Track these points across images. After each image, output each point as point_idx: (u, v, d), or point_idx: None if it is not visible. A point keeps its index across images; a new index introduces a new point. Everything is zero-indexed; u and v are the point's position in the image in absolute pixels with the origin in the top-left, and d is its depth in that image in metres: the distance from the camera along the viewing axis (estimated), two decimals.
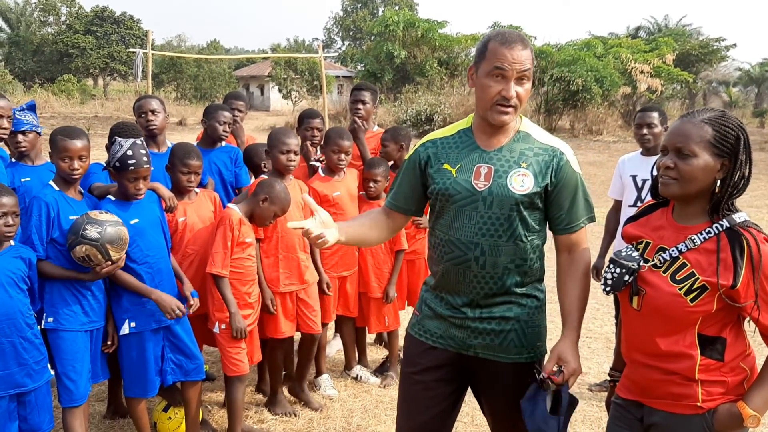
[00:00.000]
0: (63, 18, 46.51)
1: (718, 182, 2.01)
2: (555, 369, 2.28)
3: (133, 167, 3.18)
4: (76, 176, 3.15)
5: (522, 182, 2.28)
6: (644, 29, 37.86)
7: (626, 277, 2.09)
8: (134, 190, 3.25)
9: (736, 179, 1.98)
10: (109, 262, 3.04)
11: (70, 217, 3.08)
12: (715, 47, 32.62)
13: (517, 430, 2.40)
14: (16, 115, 3.54)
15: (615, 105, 26.91)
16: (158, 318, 3.32)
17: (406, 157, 2.57)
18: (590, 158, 18.73)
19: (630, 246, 2.18)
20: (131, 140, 3.21)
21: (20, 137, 3.58)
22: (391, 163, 4.58)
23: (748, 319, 2.01)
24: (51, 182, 3.19)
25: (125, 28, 43.59)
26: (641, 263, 2.09)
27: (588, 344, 5.45)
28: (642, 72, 25.79)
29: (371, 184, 4.37)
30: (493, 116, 2.29)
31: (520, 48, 2.25)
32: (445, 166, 2.39)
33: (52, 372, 3.11)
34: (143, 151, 3.23)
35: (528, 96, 2.33)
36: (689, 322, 2.00)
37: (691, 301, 1.97)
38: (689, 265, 1.99)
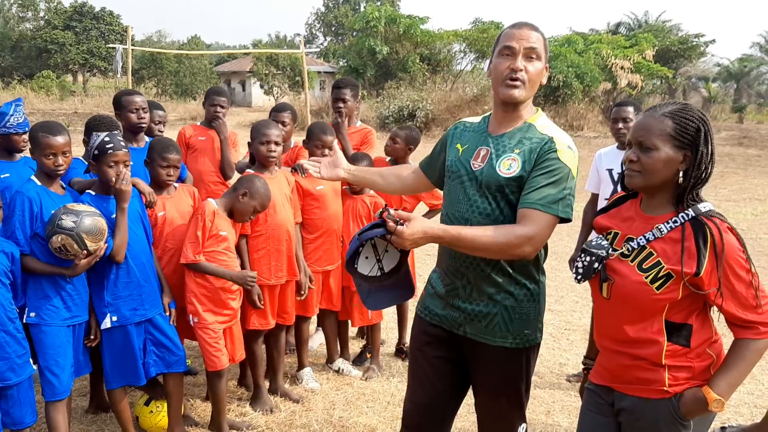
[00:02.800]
0: (42, 13, 46.01)
1: (681, 173, 2.07)
2: (398, 220, 2.15)
3: (111, 150, 3.19)
4: (61, 171, 3.17)
5: (509, 166, 2.33)
6: (624, 25, 38.18)
7: (596, 265, 2.15)
8: (114, 176, 3.23)
9: (699, 170, 2.04)
10: (85, 252, 3.03)
11: (53, 212, 3.08)
12: (694, 43, 33.00)
13: (500, 414, 2.50)
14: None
15: (595, 101, 27.10)
16: (140, 311, 3.34)
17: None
18: None
19: (600, 236, 2.24)
20: (107, 132, 3.26)
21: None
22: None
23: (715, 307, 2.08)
24: (33, 177, 3.19)
25: (105, 24, 43.15)
26: (610, 251, 2.15)
27: (567, 336, 5.54)
28: (622, 68, 26.03)
29: None
30: (504, 91, 2.35)
31: (528, 28, 2.35)
32: (457, 145, 2.53)
33: (35, 367, 3.12)
34: (120, 138, 3.26)
35: (539, 77, 2.37)
36: (656, 310, 2.06)
37: (657, 288, 2.04)
38: (655, 254, 2.06)
